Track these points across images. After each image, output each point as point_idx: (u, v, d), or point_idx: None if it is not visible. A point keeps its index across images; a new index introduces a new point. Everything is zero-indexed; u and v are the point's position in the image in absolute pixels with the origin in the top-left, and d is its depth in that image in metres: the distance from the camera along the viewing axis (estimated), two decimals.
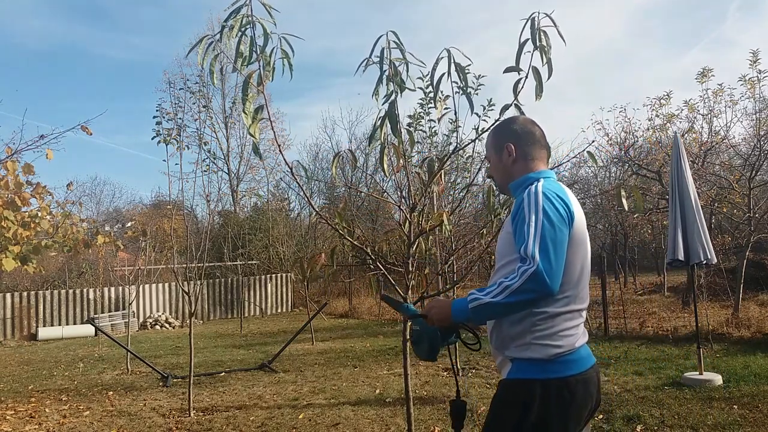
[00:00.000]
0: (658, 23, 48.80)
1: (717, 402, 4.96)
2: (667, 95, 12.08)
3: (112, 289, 14.33)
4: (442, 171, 3.01)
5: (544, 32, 2.21)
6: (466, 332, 1.80)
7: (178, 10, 46.43)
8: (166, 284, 15.09)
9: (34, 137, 6.26)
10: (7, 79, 42.00)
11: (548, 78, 2.27)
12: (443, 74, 2.37)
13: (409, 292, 3.09)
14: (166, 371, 7.36)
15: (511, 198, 2.10)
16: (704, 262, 5.87)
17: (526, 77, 2.30)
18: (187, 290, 5.94)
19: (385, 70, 2.36)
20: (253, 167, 26.21)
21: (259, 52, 2.21)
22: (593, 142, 13.73)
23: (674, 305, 11.67)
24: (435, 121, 6.22)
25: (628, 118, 13.05)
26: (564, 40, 2.22)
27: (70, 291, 13.95)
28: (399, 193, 3.52)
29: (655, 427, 4.39)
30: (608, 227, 19.37)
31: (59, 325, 13.32)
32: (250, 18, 2.16)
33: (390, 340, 9.99)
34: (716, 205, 10.97)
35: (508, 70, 2.30)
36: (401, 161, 2.75)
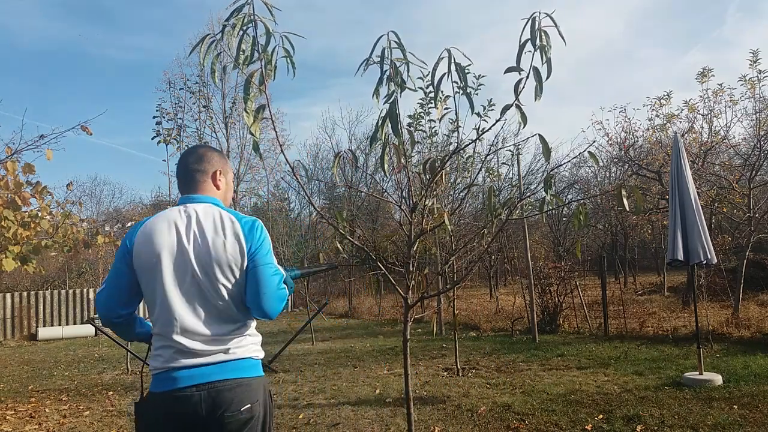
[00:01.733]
0: (658, 23, 48.86)
1: (717, 402, 4.96)
2: (667, 95, 12.11)
3: None
4: (444, 171, 3.00)
5: (545, 32, 2.21)
6: None
7: (178, 10, 46.46)
8: None
9: (34, 137, 6.26)
10: (7, 79, 42.02)
11: (547, 78, 2.26)
12: (444, 74, 2.37)
13: (410, 292, 3.08)
14: None
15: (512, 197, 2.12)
16: (704, 262, 5.87)
17: (527, 77, 2.30)
18: None
19: (386, 70, 2.36)
20: (253, 167, 26.19)
21: (260, 51, 2.21)
22: (594, 142, 13.75)
23: (674, 305, 11.67)
24: (435, 121, 6.22)
25: (628, 118, 13.08)
26: (564, 41, 2.22)
27: (70, 291, 13.95)
28: (399, 193, 3.52)
29: (655, 427, 4.38)
30: (608, 227, 19.38)
31: (59, 325, 13.32)
32: (251, 17, 2.16)
33: (390, 340, 9.99)
34: (716, 205, 10.97)
35: (509, 70, 2.30)
36: (402, 161, 2.75)
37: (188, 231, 1.79)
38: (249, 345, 1.83)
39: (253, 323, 1.89)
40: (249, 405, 1.77)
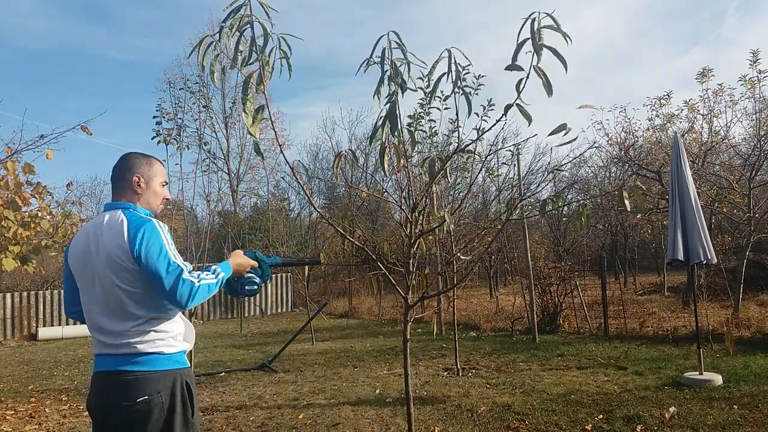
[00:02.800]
0: (658, 23, 48.84)
1: (717, 402, 4.96)
2: (667, 95, 12.10)
3: None
4: (444, 171, 3.00)
5: (545, 28, 2.20)
6: None
7: (178, 10, 46.44)
8: None
9: (34, 137, 6.26)
10: (7, 79, 42.00)
11: (566, 72, 2.25)
12: (443, 75, 2.37)
13: (410, 292, 3.08)
14: None
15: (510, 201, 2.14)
16: (704, 262, 5.87)
17: (528, 77, 2.30)
18: None
19: (386, 71, 2.36)
20: (253, 167, 26.21)
21: (258, 52, 2.21)
22: (595, 144, 13.76)
23: (674, 305, 11.67)
24: (435, 121, 6.22)
25: (628, 118, 13.07)
26: (568, 40, 2.22)
27: None
28: (400, 193, 3.52)
29: (655, 427, 4.39)
30: (608, 227, 19.37)
31: (59, 325, 13.31)
32: (249, 18, 2.16)
33: (390, 340, 9.99)
34: (716, 205, 10.97)
35: (509, 68, 2.30)
36: (402, 161, 2.75)
37: (95, 238, 1.99)
38: (155, 340, 1.95)
39: (164, 319, 1.98)
40: (146, 397, 1.89)
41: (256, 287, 2.27)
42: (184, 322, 2.11)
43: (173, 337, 2.00)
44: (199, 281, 1.92)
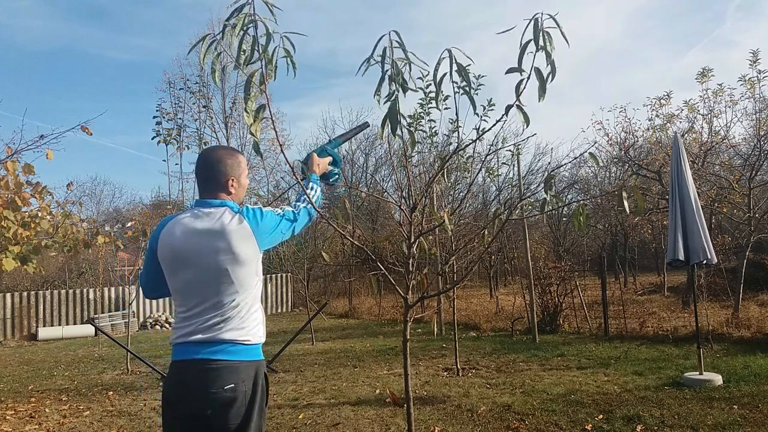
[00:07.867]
0: (657, 23, 48.86)
1: (717, 402, 4.96)
2: (667, 95, 12.09)
3: (112, 289, 14.32)
4: (443, 171, 3.00)
5: (548, 33, 2.20)
6: None
7: (178, 10, 46.44)
8: None
9: (34, 137, 6.25)
10: (7, 79, 41.99)
11: (551, 80, 2.25)
12: (444, 74, 2.36)
13: (410, 292, 3.08)
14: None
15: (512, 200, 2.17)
16: (704, 262, 5.87)
17: (528, 78, 2.29)
18: None
19: (387, 70, 2.35)
20: (253, 167, 26.16)
21: (261, 51, 2.21)
22: (595, 143, 13.78)
23: (674, 305, 11.67)
24: (435, 121, 6.23)
25: (628, 118, 13.08)
26: (567, 42, 2.22)
27: (70, 291, 13.95)
28: (400, 193, 3.52)
29: (655, 427, 4.39)
30: (608, 227, 19.37)
31: (59, 325, 13.31)
32: (252, 17, 2.16)
33: (390, 340, 9.99)
34: (716, 205, 10.97)
35: (510, 71, 2.29)
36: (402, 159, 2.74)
37: (202, 234, 2.03)
38: (241, 330, 2.02)
39: (250, 311, 2.06)
40: (232, 385, 1.95)
41: (337, 175, 2.59)
42: (262, 315, 2.20)
43: (257, 328, 2.10)
44: (306, 204, 2.33)
